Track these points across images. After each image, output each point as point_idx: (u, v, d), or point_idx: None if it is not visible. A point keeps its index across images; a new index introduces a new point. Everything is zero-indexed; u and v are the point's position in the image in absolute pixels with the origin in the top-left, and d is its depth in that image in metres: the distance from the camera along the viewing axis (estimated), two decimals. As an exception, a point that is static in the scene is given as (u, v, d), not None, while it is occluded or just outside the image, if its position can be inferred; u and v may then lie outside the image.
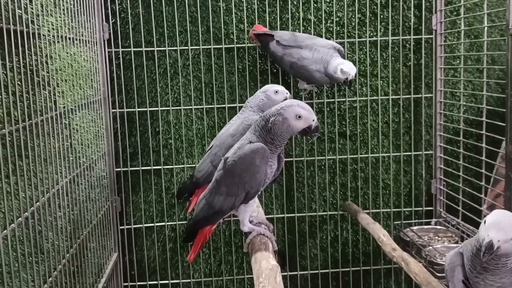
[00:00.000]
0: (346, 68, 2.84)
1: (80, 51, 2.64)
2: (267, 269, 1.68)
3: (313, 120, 1.91)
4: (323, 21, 3.25)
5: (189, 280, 3.41)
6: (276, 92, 2.55)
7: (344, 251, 3.50)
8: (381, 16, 3.28)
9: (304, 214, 3.44)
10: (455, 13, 3.28)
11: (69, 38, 2.44)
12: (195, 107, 3.27)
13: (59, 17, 2.29)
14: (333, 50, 2.95)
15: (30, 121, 1.86)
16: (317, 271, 3.50)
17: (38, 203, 1.89)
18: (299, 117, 1.88)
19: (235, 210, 2.05)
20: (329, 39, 3.25)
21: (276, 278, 1.60)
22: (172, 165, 3.30)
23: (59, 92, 2.23)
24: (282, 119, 1.88)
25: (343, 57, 2.97)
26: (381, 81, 3.35)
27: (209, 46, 3.22)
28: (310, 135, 1.95)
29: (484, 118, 2.91)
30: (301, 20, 3.24)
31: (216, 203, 1.98)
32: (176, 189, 3.29)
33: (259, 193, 2.06)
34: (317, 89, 3.31)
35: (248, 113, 2.54)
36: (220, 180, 1.97)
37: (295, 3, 3.23)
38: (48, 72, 2.09)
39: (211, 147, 2.54)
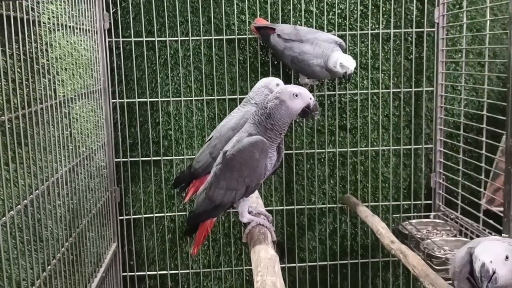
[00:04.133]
0: (345, 62, 2.82)
1: (80, 40, 2.63)
2: (266, 258, 1.68)
3: (310, 98, 1.90)
4: (325, 13, 3.24)
5: (187, 271, 3.42)
6: (278, 85, 2.53)
7: (342, 244, 3.50)
8: (383, 9, 3.27)
9: (303, 207, 3.44)
10: (458, 6, 3.27)
11: (69, 27, 2.43)
12: (196, 98, 3.26)
13: (59, 5, 2.28)
14: (334, 45, 2.93)
15: (30, 109, 1.86)
16: (315, 263, 3.50)
17: (37, 191, 1.89)
18: (295, 95, 1.87)
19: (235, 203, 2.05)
20: (330, 31, 3.24)
21: (274, 267, 1.60)
22: (172, 156, 3.30)
23: (59, 80, 2.22)
24: (280, 102, 1.87)
25: (344, 51, 2.96)
26: (382, 74, 3.34)
27: (210, 37, 3.21)
28: (311, 116, 1.94)
29: (484, 112, 2.91)
30: (303, 12, 3.23)
31: (216, 197, 1.97)
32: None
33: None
34: (318, 83, 3.30)
35: (250, 107, 2.53)
36: (220, 174, 1.96)
37: (296, -6, 3.22)
38: (48, 60, 2.09)
39: (211, 138, 2.53)
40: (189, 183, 2.58)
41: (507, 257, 1.64)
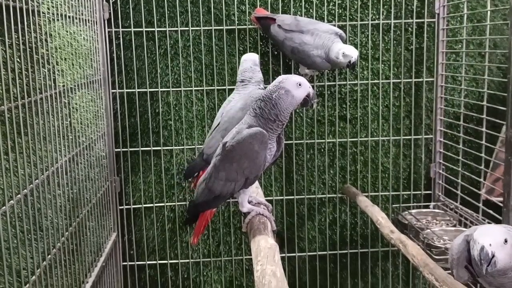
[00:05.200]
0: (348, 51, 2.81)
1: (80, 30, 2.62)
2: (266, 248, 1.69)
3: (309, 87, 1.93)
4: (325, 3, 3.22)
5: (187, 260, 3.43)
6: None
7: (342, 234, 3.51)
8: (384, -1, 3.26)
9: (303, 197, 3.45)
10: (458, -4, 3.26)
11: (69, 17, 2.42)
12: (195, 88, 3.26)
13: (59, -6, 2.27)
14: (334, 36, 2.92)
15: (30, 98, 1.85)
16: (315, 253, 3.51)
17: (37, 180, 1.89)
18: (300, 84, 1.90)
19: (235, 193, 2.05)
20: (331, 21, 3.23)
21: (274, 257, 1.61)
22: (172, 146, 3.30)
23: (58, 70, 2.22)
24: (285, 92, 1.88)
25: (344, 42, 2.95)
26: (383, 65, 3.34)
27: (210, 27, 3.20)
28: (310, 104, 1.96)
29: (485, 103, 2.90)
30: (303, 2, 3.21)
31: (216, 188, 1.98)
32: (177, 169, 3.31)
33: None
34: (318, 73, 3.29)
35: (252, 88, 2.54)
36: (219, 165, 1.96)
37: (297, -16, 3.21)
38: (47, 50, 2.08)
39: (219, 123, 2.51)
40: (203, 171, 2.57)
41: (506, 241, 1.65)
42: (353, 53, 2.81)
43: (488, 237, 1.65)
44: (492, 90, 3.06)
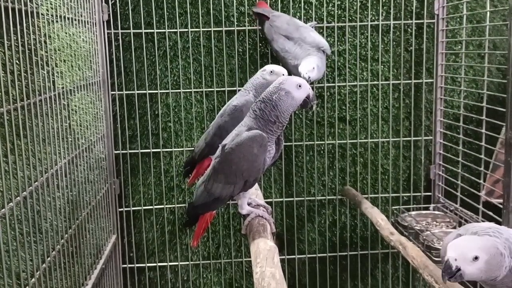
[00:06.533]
0: (301, 69, 2.80)
1: (79, 32, 2.62)
2: (265, 250, 1.68)
3: (309, 88, 1.92)
4: (325, 4, 3.22)
5: (187, 263, 3.42)
6: (271, 72, 2.47)
7: (342, 236, 3.51)
8: (383, 0, 3.25)
9: (303, 199, 3.45)
10: (458, -3, 3.26)
11: (68, 18, 2.42)
12: (195, 90, 3.25)
13: (58, -4, 2.27)
14: (315, 50, 2.89)
15: (29, 100, 1.85)
16: (315, 255, 3.51)
17: (36, 183, 1.89)
18: (300, 86, 1.89)
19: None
20: (330, 22, 3.23)
21: (274, 259, 1.61)
22: (171, 148, 3.30)
23: (57, 72, 2.22)
24: (285, 93, 1.87)
25: (327, 58, 2.91)
26: (382, 66, 3.33)
27: (209, 29, 3.20)
28: (310, 105, 1.95)
29: (484, 104, 2.90)
30: (303, 3, 3.21)
31: (215, 191, 1.96)
32: (177, 171, 3.31)
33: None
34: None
35: (238, 95, 2.53)
36: (218, 168, 1.95)
37: (296, -15, 3.21)
38: (46, 52, 2.08)
39: None
40: (192, 167, 2.59)
41: (476, 258, 1.63)
42: (302, 71, 2.77)
43: (456, 251, 1.64)
44: (491, 91, 3.06)
